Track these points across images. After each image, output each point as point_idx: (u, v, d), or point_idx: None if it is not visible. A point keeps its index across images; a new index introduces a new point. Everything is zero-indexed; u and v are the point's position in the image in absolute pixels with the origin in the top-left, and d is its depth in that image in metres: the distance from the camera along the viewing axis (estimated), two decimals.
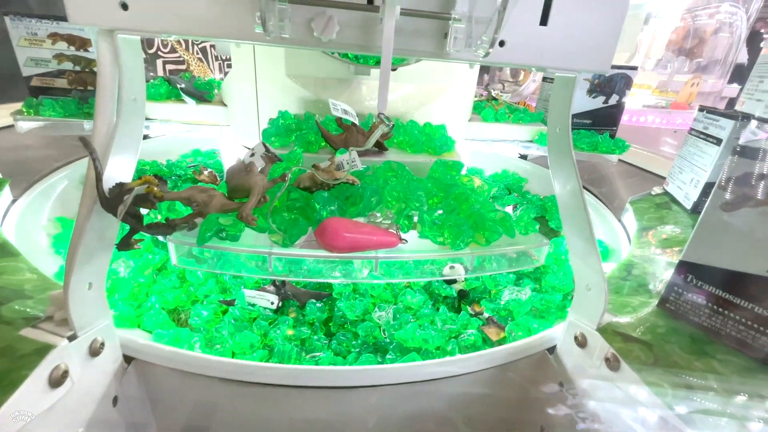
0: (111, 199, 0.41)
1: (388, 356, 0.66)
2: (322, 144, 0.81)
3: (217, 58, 2.94)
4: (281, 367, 0.55)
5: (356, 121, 0.77)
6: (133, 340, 0.55)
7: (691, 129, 1.00)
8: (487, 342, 0.71)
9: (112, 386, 0.51)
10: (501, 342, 0.70)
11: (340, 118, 0.77)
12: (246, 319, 0.72)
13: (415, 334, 0.67)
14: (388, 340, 0.70)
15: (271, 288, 0.75)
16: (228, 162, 1.14)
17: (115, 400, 0.51)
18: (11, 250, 0.64)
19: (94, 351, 0.47)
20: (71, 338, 0.44)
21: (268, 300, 0.73)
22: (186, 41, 2.26)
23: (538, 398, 0.60)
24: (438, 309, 0.77)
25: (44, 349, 0.42)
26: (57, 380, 0.42)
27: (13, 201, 0.84)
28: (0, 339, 0.43)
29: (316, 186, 0.57)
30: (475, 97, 1.47)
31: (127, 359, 0.53)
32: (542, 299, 0.80)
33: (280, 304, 0.74)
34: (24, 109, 0.99)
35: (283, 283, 0.76)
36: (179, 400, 0.56)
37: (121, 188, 0.41)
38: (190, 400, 0.56)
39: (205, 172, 1.00)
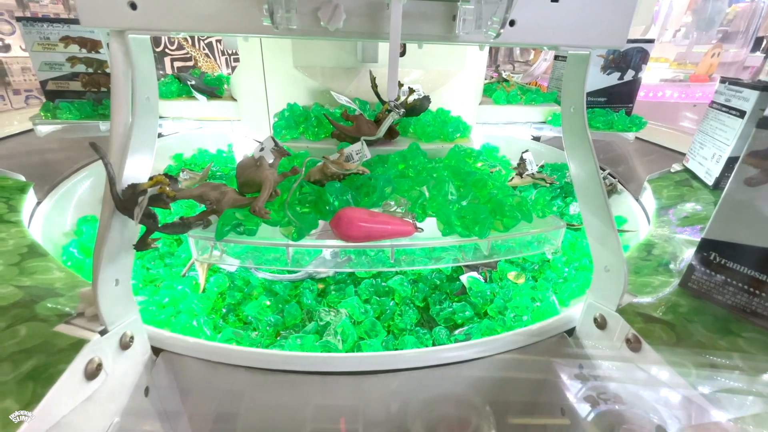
0: (125, 201, 0.42)
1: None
2: (328, 134, 0.81)
3: (223, 53, 2.95)
4: (301, 355, 0.56)
5: (358, 111, 0.77)
6: (160, 332, 0.57)
7: (713, 102, 0.96)
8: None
9: (143, 377, 0.53)
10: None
11: (346, 111, 0.77)
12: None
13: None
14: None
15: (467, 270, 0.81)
16: (241, 157, 1.16)
17: (146, 391, 0.54)
18: (40, 250, 0.66)
19: (125, 344, 0.49)
20: (102, 333, 0.46)
21: (479, 278, 0.79)
22: (192, 37, 2.27)
23: (558, 381, 0.61)
24: None
25: (78, 344, 0.44)
26: (92, 373, 0.44)
27: (38, 203, 0.87)
28: (37, 335, 0.45)
29: (326, 179, 0.58)
30: (486, 79, 1.45)
31: (156, 351, 0.55)
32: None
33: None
34: (42, 113, 1.02)
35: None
36: (207, 389, 0.58)
37: (134, 190, 0.42)
38: (217, 389, 0.58)
39: (183, 175, 1.00)
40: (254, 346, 0.64)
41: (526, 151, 1.08)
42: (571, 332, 0.60)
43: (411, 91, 0.77)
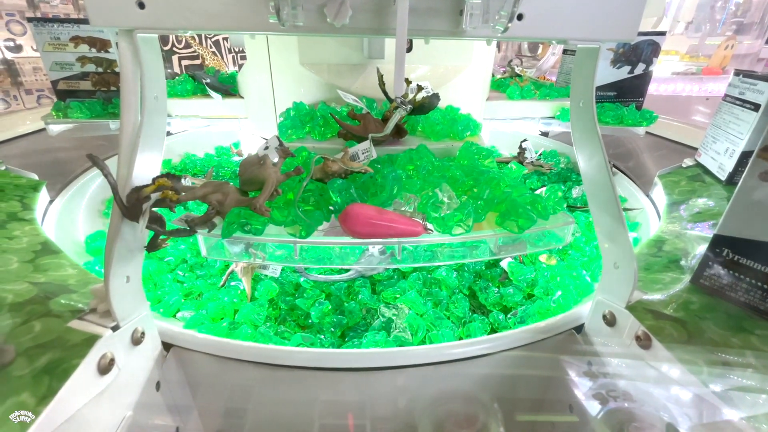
0: (131, 209, 0.42)
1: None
2: (335, 133, 0.81)
3: (230, 51, 2.96)
4: (309, 350, 0.57)
5: (365, 109, 0.77)
6: (170, 328, 0.58)
7: (726, 95, 0.94)
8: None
9: (155, 372, 0.54)
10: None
11: (353, 110, 0.76)
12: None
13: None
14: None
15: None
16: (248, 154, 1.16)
17: (158, 385, 0.54)
18: (53, 248, 0.68)
19: (136, 340, 0.50)
20: (114, 328, 0.47)
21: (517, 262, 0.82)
22: (199, 35, 2.29)
23: (567, 378, 0.60)
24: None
25: (91, 339, 0.44)
26: (105, 367, 0.45)
27: (51, 201, 0.88)
28: (51, 331, 0.46)
29: (328, 177, 0.57)
30: (498, 75, 1.43)
31: (166, 346, 0.56)
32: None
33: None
34: (53, 113, 1.03)
35: None
36: (216, 384, 0.59)
37: (137, 194, 0.42)
38: (225, 384, 0.58)
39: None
40: (325, 347, 0.63)
41: (525, 140, 1.12)
42: (579, 329, 0.60)
43: (419, 88, 0.77)
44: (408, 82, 0.76)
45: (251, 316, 0.68)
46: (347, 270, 0.76)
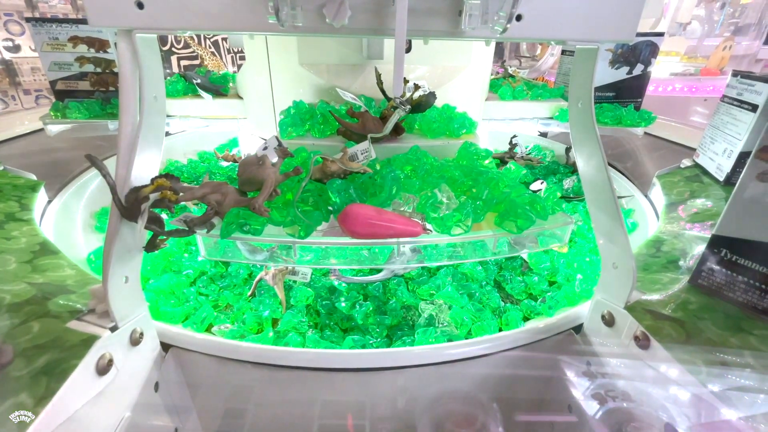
0: (129, 209, 0.42)
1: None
2: (334, 131, 0.81)
3: (229, 51, 2.96)
4: (308, 351, 0.57)
5: (364, 107, 0.77)
6: (168, 328, 0.58)
7: (724, 96, 0.95)
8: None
9: (153, 373, 0.54)
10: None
11: (351, 108, 0.76)
12: None
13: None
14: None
15: None
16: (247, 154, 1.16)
17: (156, 386, 0.54)
18: (51, 248, 0.68)
19: (135, 340, 0.50)
20: (113, 329, 0.47)
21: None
22: (198, 36, 2.28)
23: (565, 378, 0.60)
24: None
25: (90, 340, 0.44)
26: (103, 368, 0.45)
27: (49, 201, 0.88)
28: (50, 332, 0.46)
29: (327, 177, 0.57)
30: (492, 74, 1.43)
31: (165, 347, 0.56)
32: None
33: None
34: (52, 113, 1.03)
35: None
36: (215, 384, 0.59)
37: (136, 194, 0.42)
38: (225, 384, 0.58)
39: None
40: (377, 347, 0.63)
41: (515, 136, 1.15)
42: (578, 329, 0.60)
43: (416, 87, 0.77)
44: (405, 81, 0.76)
45: (294, 323, 0.67)
46: (379, 270, 0.75)
